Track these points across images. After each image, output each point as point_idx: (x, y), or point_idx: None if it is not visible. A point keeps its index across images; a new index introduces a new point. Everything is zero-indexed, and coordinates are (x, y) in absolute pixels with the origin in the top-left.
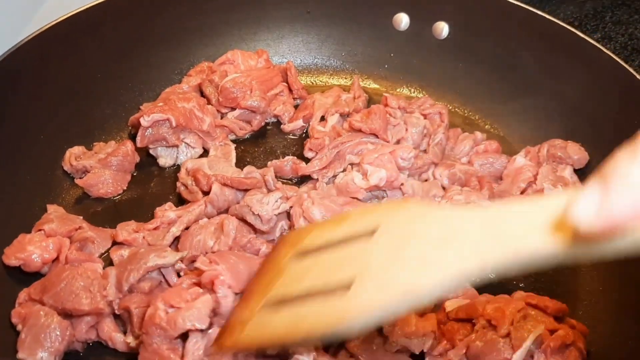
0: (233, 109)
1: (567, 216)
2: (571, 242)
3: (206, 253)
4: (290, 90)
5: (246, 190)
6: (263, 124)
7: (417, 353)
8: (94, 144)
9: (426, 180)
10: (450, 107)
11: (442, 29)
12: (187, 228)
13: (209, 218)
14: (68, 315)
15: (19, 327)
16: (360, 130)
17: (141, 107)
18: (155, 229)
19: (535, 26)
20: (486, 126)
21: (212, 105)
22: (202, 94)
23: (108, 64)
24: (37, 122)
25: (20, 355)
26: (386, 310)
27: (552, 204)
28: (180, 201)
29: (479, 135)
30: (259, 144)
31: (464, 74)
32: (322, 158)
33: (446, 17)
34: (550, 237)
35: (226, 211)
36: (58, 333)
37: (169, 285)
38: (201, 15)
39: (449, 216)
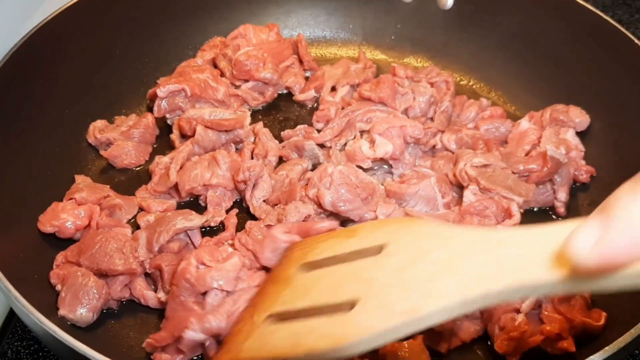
0: (246, 81)
1: (565, 249)
2: (570, 276)
3: (203, 185)
4: (301, 62)
5: (227, 132)
6: (276, 95)
7: None
8: (115, 117)
9: (434, 147)
10: (456, 76)
11: None
12: (181, 168)
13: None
14: (103, 275)
15: (58, 287)
16: (369, 99)
17: (158, 81)
18: (160, 180)
19: None
20: (490, 94)
21: (226, 78)
22: (216, 68)
23: (124, 41)
24: (60, 98)
25: (61, 312)
26: (387, 333)
27: (555, 234)
28: None
29: (484, 101)
30: (272, 114)
31: (469, 43)
32: (333, 127)
33: None
34: (550, 270)
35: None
36: (95, 291)
37: (194, 246)
38: None
39: (458, 236)
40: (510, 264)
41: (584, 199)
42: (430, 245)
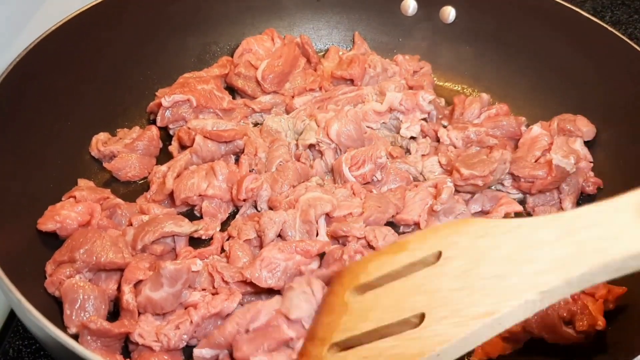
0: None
1: None
2: None
3: (199, 195)
4: (309, 62)
5: (227, 143)
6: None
7: None
8: (118, 130)
9: (439, 141)
10: (459, 89)
11: (449, 13)
12: (178, 176)
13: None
14: (98, 272)
15: (56, 294)
16: (341, 77)
17: (157, 93)
18: (158, 189)
19: (540, 7)
20: (496, 105)
21: (248, 95)
22: (235, 89)
23: (126, 53)
24: (62, 109)
25: (72, 330)
26: (464, 341)
27: (628, 203)
28: None
29: (484, 96)
30: None
31: (472, 56)
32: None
33: (453, 1)
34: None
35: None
36: (99, 301)
37: (176, 253)
38: (215, 5)
39: (520, 227)
40: (595, 239)
41: None
42: (489, 243)
